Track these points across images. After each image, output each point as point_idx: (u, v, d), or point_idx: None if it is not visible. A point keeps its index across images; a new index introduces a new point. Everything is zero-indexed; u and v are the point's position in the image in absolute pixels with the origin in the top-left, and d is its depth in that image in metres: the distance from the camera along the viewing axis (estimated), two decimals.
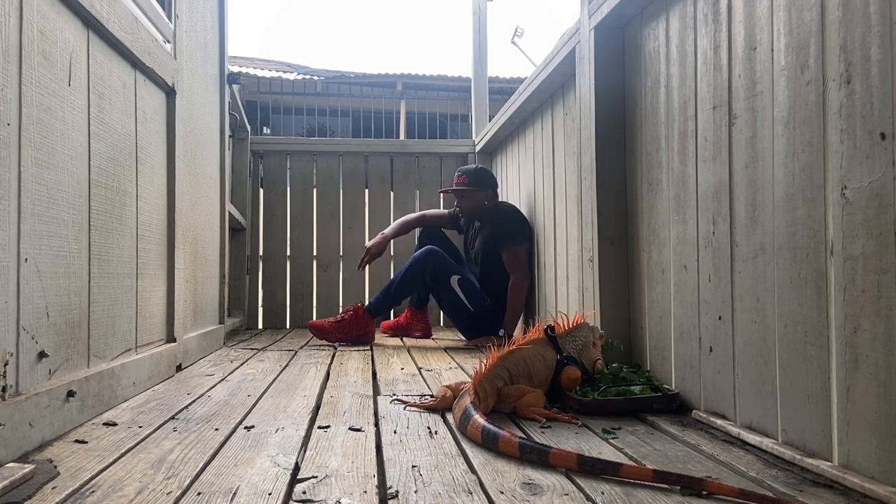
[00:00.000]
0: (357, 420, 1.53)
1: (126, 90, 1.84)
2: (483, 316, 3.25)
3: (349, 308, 3.32)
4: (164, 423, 1.47)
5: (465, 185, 3.31)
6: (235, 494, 1.00)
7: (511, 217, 3.28)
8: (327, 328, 3.23)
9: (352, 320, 3.25)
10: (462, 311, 3.30)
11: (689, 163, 1.65)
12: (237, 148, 4.16)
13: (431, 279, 3.30)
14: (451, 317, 3.42)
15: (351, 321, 3.25)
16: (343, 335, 3.22)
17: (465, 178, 3.33)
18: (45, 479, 1.06)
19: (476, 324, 3.28)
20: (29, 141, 1.28)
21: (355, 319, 3.25)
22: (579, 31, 2.23)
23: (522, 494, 1.02)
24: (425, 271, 3.29)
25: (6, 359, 1.18)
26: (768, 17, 1.33)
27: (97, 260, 1.62)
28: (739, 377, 1.43)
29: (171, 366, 2.15)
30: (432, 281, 3.30)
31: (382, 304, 3.35)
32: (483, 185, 3.32)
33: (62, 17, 1.45)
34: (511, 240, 3.20)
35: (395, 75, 11.20)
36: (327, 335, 3.23)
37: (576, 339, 1.79)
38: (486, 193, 3.32)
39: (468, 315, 3.29)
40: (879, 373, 1.02)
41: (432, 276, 3.29)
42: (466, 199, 3.35)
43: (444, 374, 2.25)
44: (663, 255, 1.81)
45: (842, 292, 1.10)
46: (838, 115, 1.11)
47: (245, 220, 4.19)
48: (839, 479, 1.06)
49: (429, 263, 3.29)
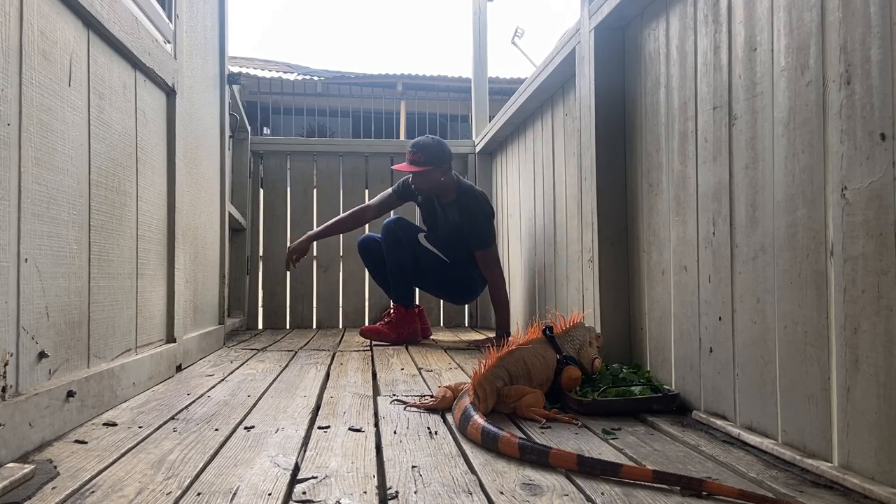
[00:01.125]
0: (357, 420, 1.53)
1: (126, 90, 1.84)
2: (459, 269, 3.27)
3: (388, 312, 3.39)
4: (164, 424, 1.47)
5: (421, 163, 3.13)
6: (235, 495, 1.00)
7: (480, 211, 3.17)
8: (381, 330, 3.29)
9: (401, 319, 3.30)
10: (441, 270, 3.31)
11: (690, 163, 1.65)
12: (237, 148, 4.16)
13: (407, 239, 3.30)
14: (435, 281, 3.41)
15: (401, 320, 3.30)
16: (398, 335, 3.26)
17: (420, 155, 3.14)
18: (45, 480, 1.06)
19: (457, 284, 3.31)
20: (29, 141, 1.28)
21: (404, 316, 3.30)
22: (579, 32, 2.23)
23: (522, 495, 1.02)
24: (397, 235, 3.29)
25: (6, 359, 1.18)
26: (768, 17, 1.33)
27: (97, 260, 1.62)
28: (739, 378, 1.43)
29: (171, 366, 2.15)
30: (408, 241, 3.30)
31: (401, 290, 3.35)
32: (439, 163, 3.14)
33: (62, 17, 1.45)
34: (484, 243, 3.17)
35: (396, 76, 11.20)
36: (383, 336, 3.27)
37: (574, 339, 1.80)
38: (444, 170, 3.16)
39: (447, 269, 3.30)
40: (879, 374, 1.02)
41: (407, 236, 3.30)
42: (423, 179, 3.18)
43: (443, 375, 2.25)
44: (663, 256, 1.81)
45: (842, 293, 1.10)
46: (838, 116, 1.11)
47: (245, 221, 4.19)
48: (839, 479, 1.06)
49: (394, 228, 3.31)
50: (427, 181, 3.19)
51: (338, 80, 11.25)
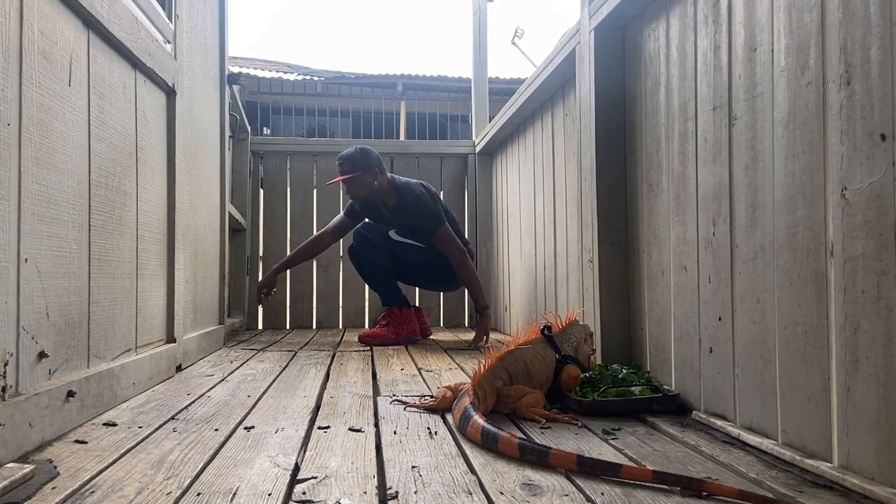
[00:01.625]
0: (357, 420, 1.53)
1: (126, 90, 1.84)
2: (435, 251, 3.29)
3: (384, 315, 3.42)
4: (164, 424, 1.47)
5: (349, 171, 3.21)
6: (235, 495, 1.00)
7: (415, 200, 3.22)
8: (380, 333, 3.31)
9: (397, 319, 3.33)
10: (421, 257, 3.33)
11: (689, 164, 1.65)
12: (237, 148, 4.16)
13: (380, 240, 3.34)
14: (419, 272, 3.44)
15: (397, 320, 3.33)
16: (396, 335, 3.30)
17: (347, 164, 3.22)
18: (45, 480, 1.06)
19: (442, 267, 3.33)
20: (29, 141, 1.28)
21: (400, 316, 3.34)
22: (579, 32, 2.23)
23: (522, 495, 1.02)
24: (368, 238, 3.34)
25: (6, 359, 1.18)
26: (768, 18, 1.33)
27: (97, 260, 1.62)
28: (739, 378, 1.43)
29: (170, 366, 2.15)
30: (381, 240, 3.34)
31: (387, 290, 3.39)
32: (366, 167, 3.20)
33: (62, 17, 1.45)
34: (433, 229, 3.21)
35: (396, 76, 11.20)
36: (382, 339, 3.28)
37: (571, 337, 1.80)
38: (373, 173, 3.22)
39: (426, 254, 3.32)
40: (879, 374, 1.02)
41: (378, 236, 3.34)
42: (355, 186, 3.24)
43: (443, 375, 2.25)
44: (663, 256, 1.81)
45: (842, 293, 1.10)
46: (838, 117, 1.11)
47: (245, 221, 4.19)
48: (839, 480, 1.06)
49: (363, 232, 3.37)
50: (360, 187, 3.25)
51: (338, 80, 11.25)
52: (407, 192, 3.26)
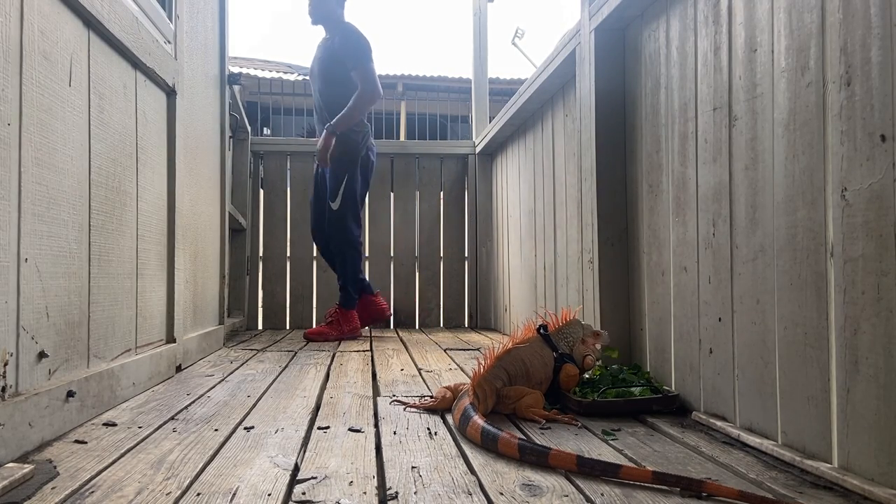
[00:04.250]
0: (357, 421, 1.53)
1: (126, 90, 1.84)
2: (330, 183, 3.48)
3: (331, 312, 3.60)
4: (164, 424, 1.47)
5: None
6: (235, 495, 1.00)
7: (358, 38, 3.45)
8: (324, 331, 3.49)
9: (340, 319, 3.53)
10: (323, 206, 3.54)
11: (690, 164, 1.65)
12: (237, 148, 4.16)
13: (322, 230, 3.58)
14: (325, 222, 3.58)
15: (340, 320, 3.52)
16: (339, 333, 3.48)
17: None
18: (45, 480, 1.06)
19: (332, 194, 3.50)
20: (29, 141, 1.28)
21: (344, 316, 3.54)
22: (580, 33, 2.23)
23: (522, 496, 1.02)
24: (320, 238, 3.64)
25: (6, 359, 1.18)
26: (769, 19, 1.33)
27: (97, 260, 1.62)
28: (739, 379, 1.43)
29: (170, 366, 2.15)
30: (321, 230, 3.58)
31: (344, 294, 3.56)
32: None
33: (63, 17, 1.45)
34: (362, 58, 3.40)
35: (396, 76, 11.19)
36: (326, 336, 3.46)
37: (567, 336, 1.79)
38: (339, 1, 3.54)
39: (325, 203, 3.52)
40: (879, 375, 1.02)
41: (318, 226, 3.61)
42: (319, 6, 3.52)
43: (443, 376, 2.25)
44: (663, 257, 1.81)
45: (842, 294, 1.10)
46: (838, 117, 1.11)
47: (245, 221, 4.19)
48: (839, 480, 1.06)
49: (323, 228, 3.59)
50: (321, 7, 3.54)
51: None
52: (351, 27, 3.53)
